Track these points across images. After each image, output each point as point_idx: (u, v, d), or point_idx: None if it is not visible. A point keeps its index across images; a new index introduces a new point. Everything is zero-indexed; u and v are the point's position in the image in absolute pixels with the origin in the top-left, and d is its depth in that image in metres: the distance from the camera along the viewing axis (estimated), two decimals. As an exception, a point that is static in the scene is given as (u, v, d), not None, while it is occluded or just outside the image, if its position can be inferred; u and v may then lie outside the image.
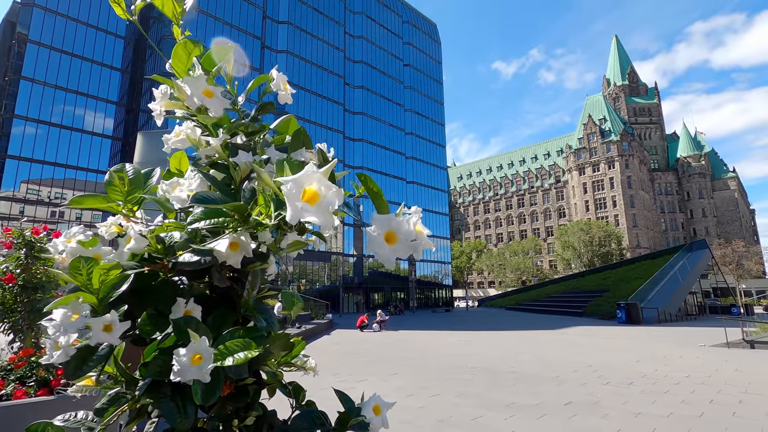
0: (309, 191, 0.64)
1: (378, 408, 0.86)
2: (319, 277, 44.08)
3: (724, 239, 75.75)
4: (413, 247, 0.78)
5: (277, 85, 1.04)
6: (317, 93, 46.67)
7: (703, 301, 39.18)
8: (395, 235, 0.73)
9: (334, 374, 9.06)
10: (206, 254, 0.81)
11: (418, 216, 0.80)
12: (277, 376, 1.18)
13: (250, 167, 0.86)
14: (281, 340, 1.16)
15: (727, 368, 9.97)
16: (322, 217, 0.63)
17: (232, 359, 0.69)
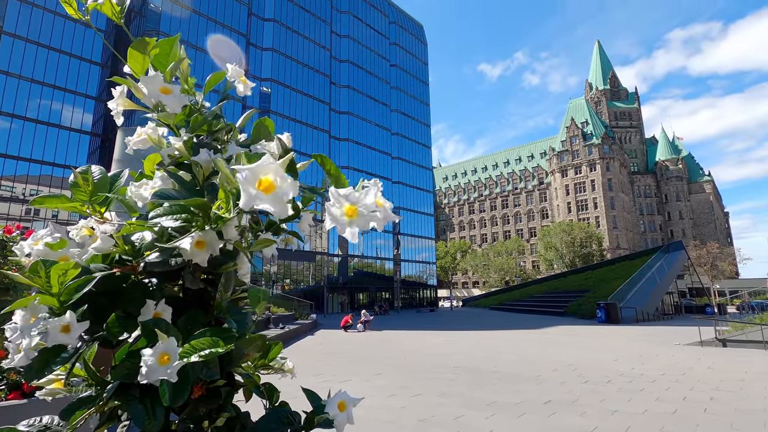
0: (265, 181, 0.65)
1: (343, 404, 0.87)
2: (303, 277, 43.82)
3: (699, 241, 78.03)
4: (374, 219, 0.79)
5: (234, 77, 1.05)
6: (303, 92, 46.39)
7: (679, 300, 40.29)
8: (355, 209, 0.75)
9: (317, 375, 9.03)
10: (172, 253, 0.81)
11: (377, 188, 0.81)
12: (251, 378, 1.18)
13: (212, 165, 0.86)
14: (257, 342, 1.16)
15: (700, 366, 10.28)
16: (276, 206, 0.65)
17: (197, 356, 0.70)
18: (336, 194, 0.76)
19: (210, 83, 1.12)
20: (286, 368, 1.35)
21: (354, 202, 0.76)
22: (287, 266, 42.26)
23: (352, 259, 49.34)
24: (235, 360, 1.05)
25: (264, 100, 43.08)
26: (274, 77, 43.91)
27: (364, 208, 0.77)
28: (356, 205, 0.76)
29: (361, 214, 0.76)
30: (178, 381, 0.77)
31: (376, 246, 52.30)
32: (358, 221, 0.77)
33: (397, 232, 55.16)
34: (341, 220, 0.76)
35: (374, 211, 0.79)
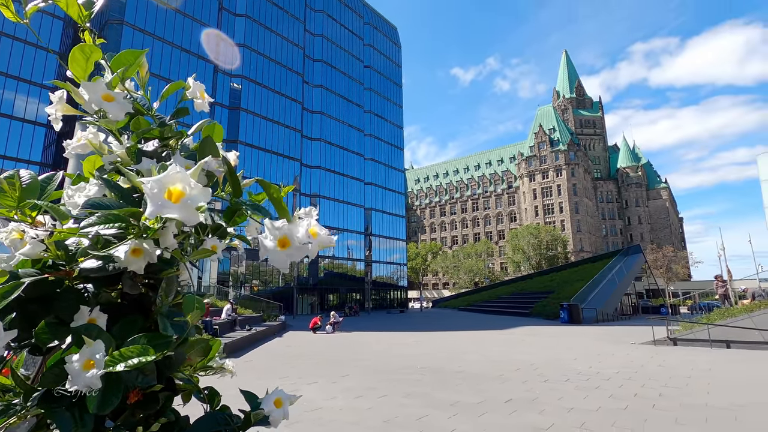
0: (175, 190, 0.67)
1: (279, 401, 0.90)
2: (272, 278, 43.14)
3: (656, 244, 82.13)
4: (307, 250, 0.82)
5: (194, 93, 1.04)
6: (275, 90, 45.71)
7: (636, 301, 42.28)
8: (288, 240, 0.77)
9: (283, 377, 8.92)
10: (108, 260, 0.81)
11: (310, 219, 0.84)
12: (192, 382, 1.18)
13: None
14: (199, 346, 1.16)
15: (651, 364, 10.83)
16: (185, 213, 0.66)
17: (123, 365, 0.70)
18: (270, 226, 0.79)
19: (167, 92, 1.11)
20: (227, 368, 1.36)
21: (287, 234, 0.79)
22: (256, 267, 41.48)
23: (323, 260, 48.98)
24: (175, 365, 1.05)
25: (234, 97, 42.17)
26: (245, 74, 43.06)
27: (297, 240, 0.80)
28: (290, 238, 0.79)
29: (294, 246, 0.79)
30: (108, 387, 0.78)
31: (348, 247, 52.15)
32: (291, 252, 0.79)
33: (369, 234, 55.20)
34: (274, 252, 0.79)
35: (307, 243, 0.82)
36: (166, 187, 0.66)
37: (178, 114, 1.12)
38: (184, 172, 0.67)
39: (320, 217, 4.45)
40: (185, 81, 1.13)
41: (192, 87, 1.06)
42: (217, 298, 24.48)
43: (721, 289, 19.07)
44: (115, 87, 0.84)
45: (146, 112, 0.94)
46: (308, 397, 7.18)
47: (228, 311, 17.01)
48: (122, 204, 0.80)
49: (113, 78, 0.84)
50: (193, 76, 1.08)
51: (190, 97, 1.06)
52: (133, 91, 0.92)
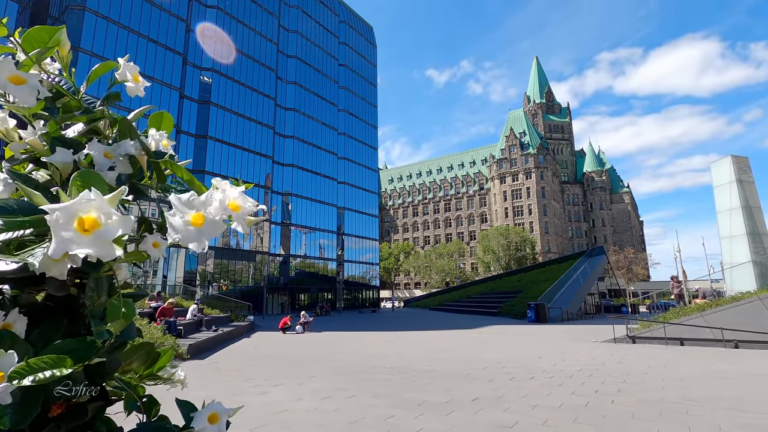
0: (87, 219, 0.57)
1: (215, 416, 0.83)
2: (242, 277, 42.20)
3: (618, 246, 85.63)
4: (223, 226, 0.75)
5: (124, 76, 0.96)
6: (247, 85, 44.73)
7: (599, 301, 43.92)
8: (202, 215, 0.71)
9: (248, 379, 8.72)
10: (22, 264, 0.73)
11: (229, 190, 0.77)
12: (129, 389, 1.10)
13: (71, 166, 0.79)
14: (143, 350, 1.08)
15: (611, 361, 11.25)
16: (98, 249, 0.56)
17: (31, 378, 0.63)
18: (177, 202, 0.71)
19: (96, 73, 1.01)
20: (177, 378, 1.28)
21: (200, 208, 0.72)
22: (225, 266, 40.47)
23: (295, 259, 48.35)
24: (108, 372, 0.98)
25: (204, 91, 40.97)
26: (216, 67, 41.91)
27: (212, 213, 0.72)
28: (202, 211, 0.72)
29: (209, 220, 0.72)
30: (25, 400, 0.70)
31: (320, 246, 51.69)
32: (205, 229, 0.72)
33: (342, 233, 54.92)
34: (185, 230, 0.72)
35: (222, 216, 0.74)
36: (77, 215, 0.56)
37: (110, 99, 1.04)
38: (100, 198, 0.57)
39: (293, 215, 4.40)
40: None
41: (122, 68, 0.98)
42: (183, 298, 23.72)
43: (677, 289, 20.06)
44: (29, 68, 0.76)
45: (71, 97, 0.86)
46: (274, 399, 7.04)
47: (194, 311, 16.49)
48: (30, 206, 0.71)
49: (26, 59, 0.75)
50: (126, 58, 1.00)
51: (120, 80, 0.98)
52: (55, 73, 0.83)
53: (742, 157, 18.34)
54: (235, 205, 0.77)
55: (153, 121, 1.11)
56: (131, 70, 1.02)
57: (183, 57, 39.68)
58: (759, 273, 16.44)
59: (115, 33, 34.55)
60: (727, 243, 17.77)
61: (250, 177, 43.08)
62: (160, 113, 1.12)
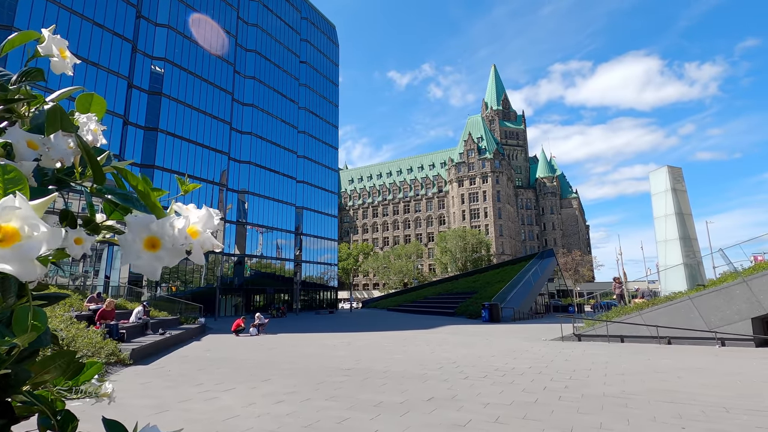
0: (8, 230, 0.47)
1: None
2: (193, 277, 40.41)
3: (566, 249, 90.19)
4: (182, 254, 0.67)
5: (49, 49, 0.84)
6: (203, 77, 42.93)
7: (548, 301, 45.98)
8: (159, 240, 0.62)
9: (197, 384, 8.31)
10: None
11: (190, 215, 0.69)
12: (41, 406, 0.96)
13: None
14: (61, 360, 0.95)
15: (559, 359, 11.77)
16: (16, 267, 0.46)
17: None
18: (134, 223, 0.62)
19: (11, 44, 0.87)
20: (102, 392, 1.14)
21: (157, 233, 0.63)
22: (175, 266, 38.57)
23: (250, 260, 46.95)
24: (12, 386, 0.85)
25: (155, 81, 38.86)
26: (169, 57, 39.89)
27: (170, 240, 0.64)
28: (160, 237, 0.63)
29: (166, 247, 0.64)
30: None
31: (277, 246, 50.50)
32: (161, 255, 0.63)
33: (300, 233, 53.99)
34: (139, 254, 0.62)
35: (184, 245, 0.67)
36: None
37: (30, 75, 0.90)
38: (26, 206, 0.47)
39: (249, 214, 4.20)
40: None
41: (47, 40, 0.85)
42: (127, 300, 22.35)
43: (618, 289, 21.37)
44: None
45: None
46: (225, 405, 6.75)
47: (139, 314, 15.54)
48: None
49: None
50: (51, 29, 0.88)
51: (44, 54, 0.86)
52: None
53: (676, 167, 19.86)
54: (194, 231, 0.68)
55: (81, 104, 0.97)
56: (58, 44, 0.89)
57: (132, 44, 37.46)
58: (689, 274, 17.83)
59: (55, 13, 32.02)
60: (663, 247, 19.15)
61: (204, 173, 41.38)
62: (89, 94, 0.98)
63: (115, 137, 34.67)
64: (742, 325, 13.94)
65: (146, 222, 0.62)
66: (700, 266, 18.39)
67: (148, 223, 0.62)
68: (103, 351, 9.95)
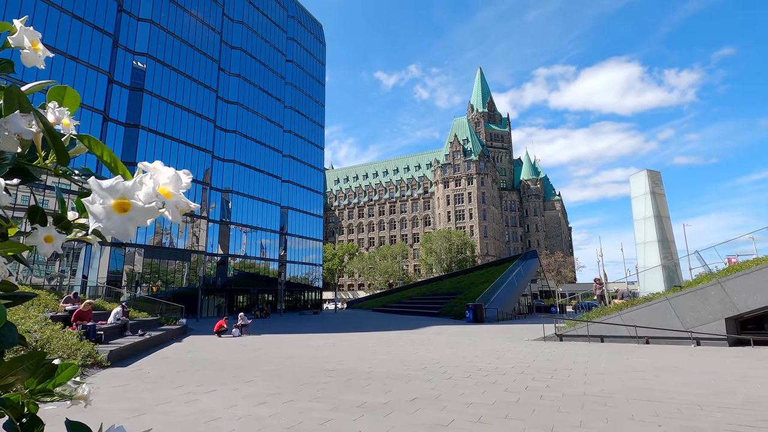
0: None
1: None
2: (175, 277, 39.67)
3: (549, 250, 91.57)
4: (155, 212, 0.65)
5: (20, 41, 0.81)
6: (187, 74, 42.23)
7: (531, 301, 46.60)
8: (128, 201, 0.61)
9: (178, 386, 8.16)
10: None
11: (158, 175, 0.67)
12: (8, 408, 0.93)
13: None
14: (30, 362, 0.92)
15: (541, 359, 11.94)
16: None
17: None
18: (97, 186, 0.60)
19: None
20: (78, 395, 1.11)
21: (125, 193, 0.62)
22: (155, 265, 37.81)
23: (234, 260, 46.35)
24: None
25: (137, 77, 38.05)
26: (152, 53, 39.11)
27: (141, 199, 0.62)
28: (128, 198, 0.62)
29: (137, 207, 0.62)
30: None
31: (261, 246, 49.98)
32: (133, 215, 0.62)
33: (285, 233, 53.56)
34: (108, 218, 0.60)
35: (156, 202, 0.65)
36: None
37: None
38: None
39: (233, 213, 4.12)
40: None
41: (19, 32, 0.82)
42: (106, 300, 21.83)
43: (599, 290, 21.78)
44: None
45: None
46: (206, 407, 6.64)
47: (117, 314, 15.18)
48: None
49: None
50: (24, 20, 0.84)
51: (15, 46, 0.83)
52: None
53: (655, 171, 20.36)
54: (167, 192, 0.66)
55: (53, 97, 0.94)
56: (30, 36, 0.86)
57: (113, 38, 36.61)
58: (666, 276, 18.30)
59: (32, 4, 31.06)
60: (642, 248, 19.60)
61: (187, 172, 40.71)
62: (62, 87, 0.95)
63: (95, 134, 33.83)
64: (716, 325, 14.36)
65: (113, 183, 0.60)
66: (677, 268, 18.89)
67: (115, 184, 0.60)
68: (80, 353, 9.68)
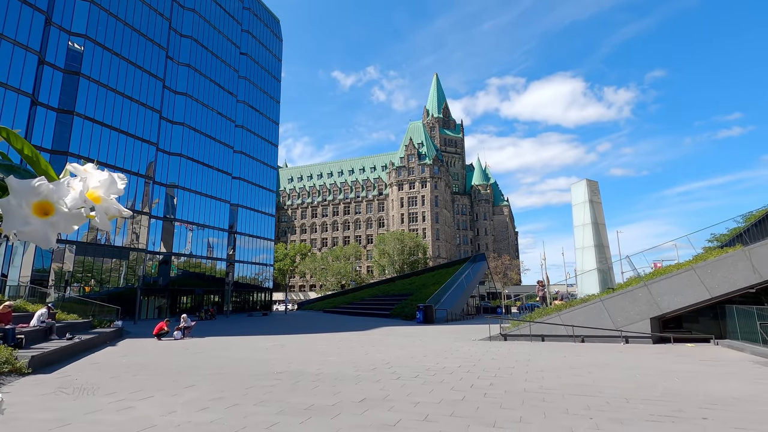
0: None
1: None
2: (111, 277, 36.99)
3: (497, 254, 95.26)
4: (82, 219, 0.60)
5: None
6: (130, 60, 39.57)
7: (479, 303, 48.19)
8: (51, 205, 0.55)
9: (110, 393, 7.61)
10: None
11: (89, 178, 0.62)
12: None
13: None
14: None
15: (486, 358, 12.38)
16: None
17: None
18: (17, 185, 0.54)
19: None
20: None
21: (48, 196, 0.56)
22: (89, 263, 35.05)
23: (178, 258, 44.01)
24: None
25: (73, 59, 35.12)
26: (90, 34, 36.26)
27: (66, 203, 0.57)
28: (51, 201, 0.56)
29: (61, 211, 0.57)
30: None
31: (209, 244, 47.87)
32: (56, 221, 0.56)
33: (234, 231, 51.68)
34: (24, 222, 0.55)
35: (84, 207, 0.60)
36: None
37: None
38: None
39: (178, 210, 3.91)
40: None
41: None
42: (29, 301, 19.94)
43: (541, 292, 22.96)
44: None
45: None
46: (141, 414, 6.24)
47: (42, 317, 13.90)
48: None
49: None
50: None
51: None
52: None
53: (593, 181, 21.83)
54: (96, 196, 0.61)
55: None
56: None
57: (46, 15, 33.57)
58: (601, 279, 19.65)
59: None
60: (580, 253, 20.91)
61: (128, 164, 38.14)
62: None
63: (21, 118, 30.81)
64: (643, 324, 15.62)
65: (35, 184, 0.55)
66: (611, 271, 20.35)
67: (38, 185, 0.55)
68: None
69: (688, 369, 10.25)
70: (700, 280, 15.03)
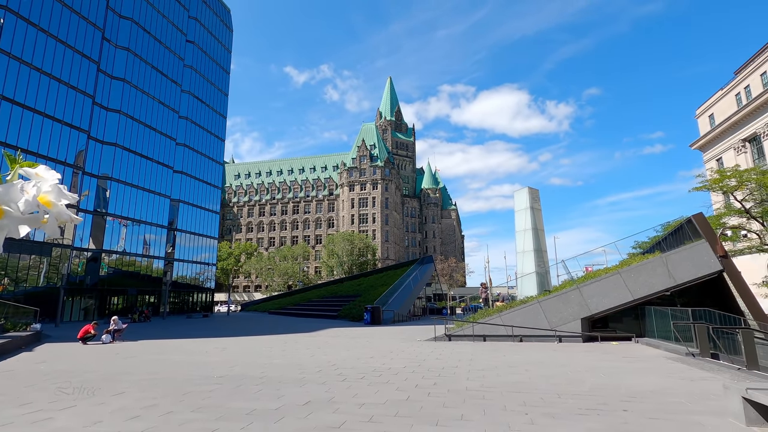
0: None
1: None
2: (29, 275, 33.56)
3: (444, 256, 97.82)
4: (36, 223, 0.56)
5: None
6: (59, 38, 36.19)
7: (426, 304, 49.17)
8: (0, 208, 0.51)
9: (24, 404, 6.90)
10: None
11: (41, 182, 0.58)
12: None
13: None
14: None
15: (431, 358, 12.66)
16: None
17: None
18: None
19: None
20: None
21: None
22: (3, 260, 31.56)
23: (109, 256, 40.82)
24: None
25: None
26: (12, 6, 32.76)
27: (18, 206, 0.53)
28: (2, 204, 0.52)
29: (11, 215, 0.52)
30: None
31: (145, 242, 44.85)
32: (6, 224, 0.52)
33: (174, 228, 48.86)
34: None
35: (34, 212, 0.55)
36: None
37: None
38: None
39: (111, 203, 3.64)
40: None
41: None
42: (-74, 302, 17.58)
43: (484, 294, 23.89)
44: None
45: None
46: (60, 426, 5.72)
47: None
48: None
49: None
50: None
51: None
52: None
53: (535, 189, 23.13)
54: (48, 201, 0.56)
55: None
56: None
57: None
58: (539, 281, 20.83)
59: None
60: (521, 257, 22.05)
61: (54, 152, 34.85)
62: None
63: None
64: (574, 324, 16.74)
65: None
66: (548, 275, 21.64)
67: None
68: None
69: (612, 365, 11.12)
70: (625, 283, 16.38)
